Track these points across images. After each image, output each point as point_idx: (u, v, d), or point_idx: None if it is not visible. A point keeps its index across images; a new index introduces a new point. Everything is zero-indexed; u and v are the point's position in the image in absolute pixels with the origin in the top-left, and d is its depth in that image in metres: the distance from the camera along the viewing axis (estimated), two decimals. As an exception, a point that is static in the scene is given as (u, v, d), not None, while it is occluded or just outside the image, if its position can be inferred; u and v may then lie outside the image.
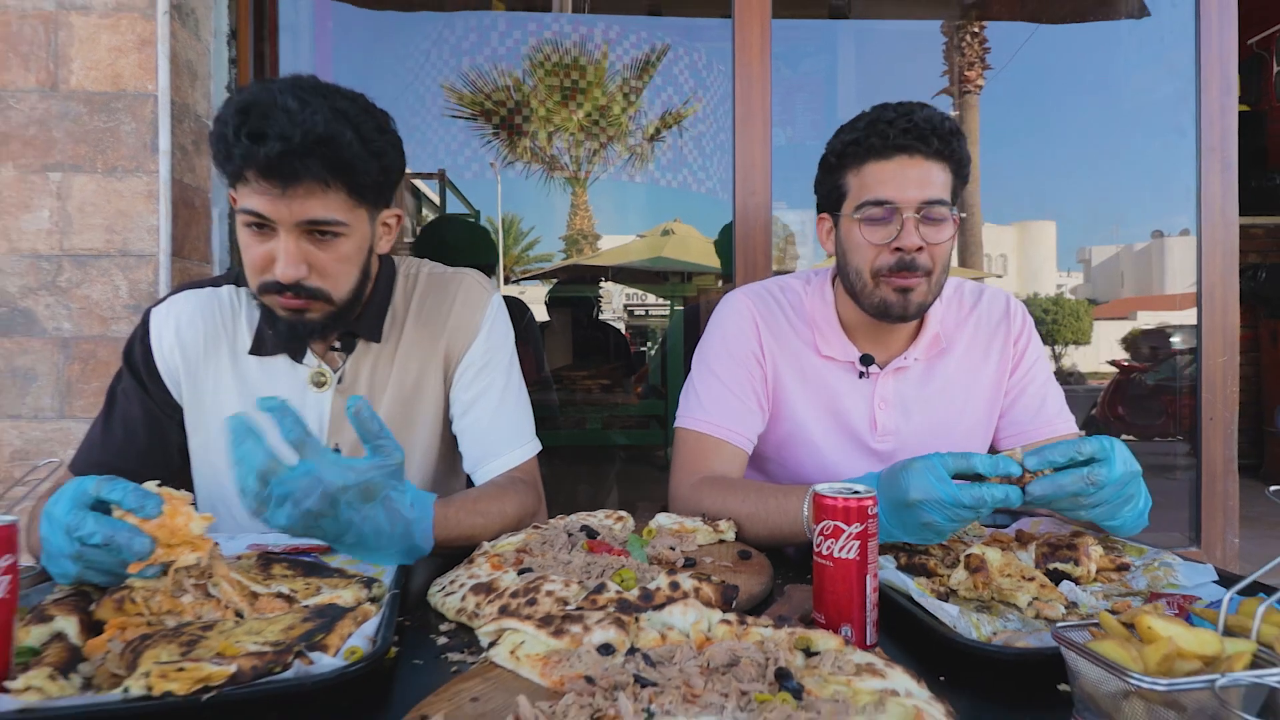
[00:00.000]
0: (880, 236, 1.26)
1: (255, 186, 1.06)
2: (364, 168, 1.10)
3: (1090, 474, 0.94)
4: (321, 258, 1.12)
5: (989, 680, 0.76)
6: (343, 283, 1.16)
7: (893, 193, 1.24)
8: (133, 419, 1.26)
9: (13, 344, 1.87)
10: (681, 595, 0.85)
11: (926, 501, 0.95)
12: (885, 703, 0.61)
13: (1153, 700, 0.59)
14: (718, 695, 0.63)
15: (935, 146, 1.24)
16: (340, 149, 1.06)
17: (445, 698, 0.67)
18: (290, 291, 1.11)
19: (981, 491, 0.94)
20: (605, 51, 4.75)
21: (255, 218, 1.08)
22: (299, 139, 1.02)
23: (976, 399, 1.42)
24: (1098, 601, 0.92)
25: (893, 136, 1.23)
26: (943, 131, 1.23)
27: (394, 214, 1.26)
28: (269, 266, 1.11)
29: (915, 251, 1.24)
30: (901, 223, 1.24)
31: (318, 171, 1.05)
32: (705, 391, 1.39)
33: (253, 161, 1.03)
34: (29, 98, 1.86)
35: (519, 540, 1.09)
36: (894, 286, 1.26)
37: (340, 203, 1.10)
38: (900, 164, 1.24)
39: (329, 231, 1.11)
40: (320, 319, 1.16)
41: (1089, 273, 28.51)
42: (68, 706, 0.64)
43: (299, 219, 1.08)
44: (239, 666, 0.67)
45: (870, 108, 1.30)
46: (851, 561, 0.80)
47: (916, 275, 1.25)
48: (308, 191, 1.07)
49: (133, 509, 0.83)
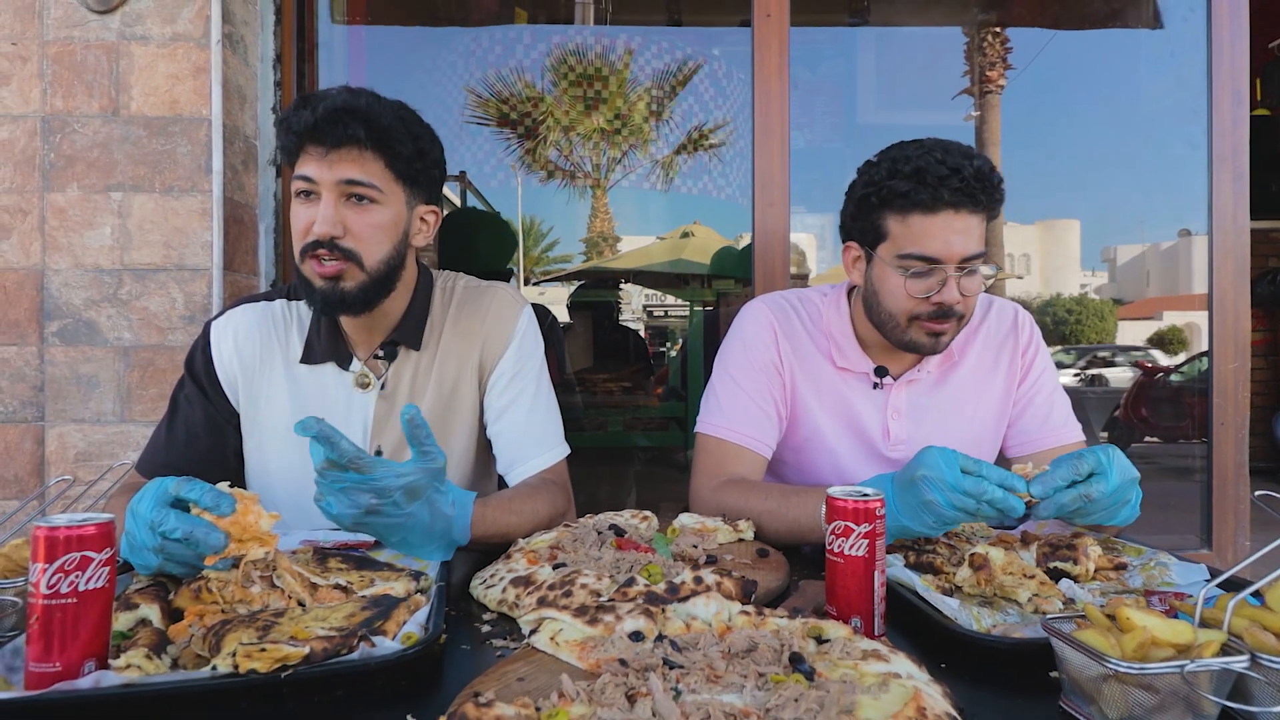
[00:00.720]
0: (921, 290, 1.27)
1: (307, 154, 1.22)
2: (400, 139, 1.24)
3: (1087, 491, 1.01)
4: (356, 220, 1.23)
5: (987, 668, 0.82)
6: (374, 250, 1.26)
7: (938, 249, 1.24)
8: (194, 423, 1.35)
9: (77, 352, 1.99)
10: (704, 589, 0.92)
11: (930, 478, 1.01)
12: (888, 684, 0.68)
13: (1128, 683, 0.65)
14: (738, 676, 0.71)
15: (982, 203, 1.24)
16: (379, 118, 1.22)
17: (494, 677, 0.74)
18: (325, 249, 1.22)
19: (982, 485, 0.99)
20: (627, 61, 4.81)
21: (304, 182, 1.23)
22: (345, 107, 1.20)
23: (985, 409, 1.47)
24: (1095, 599, 0.97)
25: (945, 195, 1.22)
26: (991, 186, 1.23)
27: (432, 210, 1.36)
28: (310, 228, 1.22)
29: (954, 305, 1.27)
30: (945, 279, 1.26)
31: (358, 133, 1.20)
32: (726, 398, 1.44)
33: (306, 125, 1.19)
34: (93, 123, 1.98)
35: (552, 538, 1.16)
36: (928, 331, 1.30)
37: (378, 170, 1.24)
38: (947, 220, 1.24)
39: (365, 196, 1.23)
40: (354, 289, 1.25)
41: (1114, 272, 28.03)
42: (165, 682, 0.72)
43: (339, 178, 1.21)
44: (312, 648, 0.74)
45: (910, 145, 1.28)
46: (860, 558, 0.86)
47: (950, 321, 1.29)
48: (349, 155, 1.22)
49: (209, 507, 0.91)
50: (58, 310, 1.99)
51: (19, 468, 1.98)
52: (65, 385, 1.99)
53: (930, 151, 1.24)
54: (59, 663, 0.71)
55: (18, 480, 1.97)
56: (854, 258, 1.39)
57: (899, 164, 1.26)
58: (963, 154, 1.24)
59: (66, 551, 0.71)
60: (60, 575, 0.71)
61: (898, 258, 1.28)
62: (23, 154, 1.98)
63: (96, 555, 0.73)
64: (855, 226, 1.36)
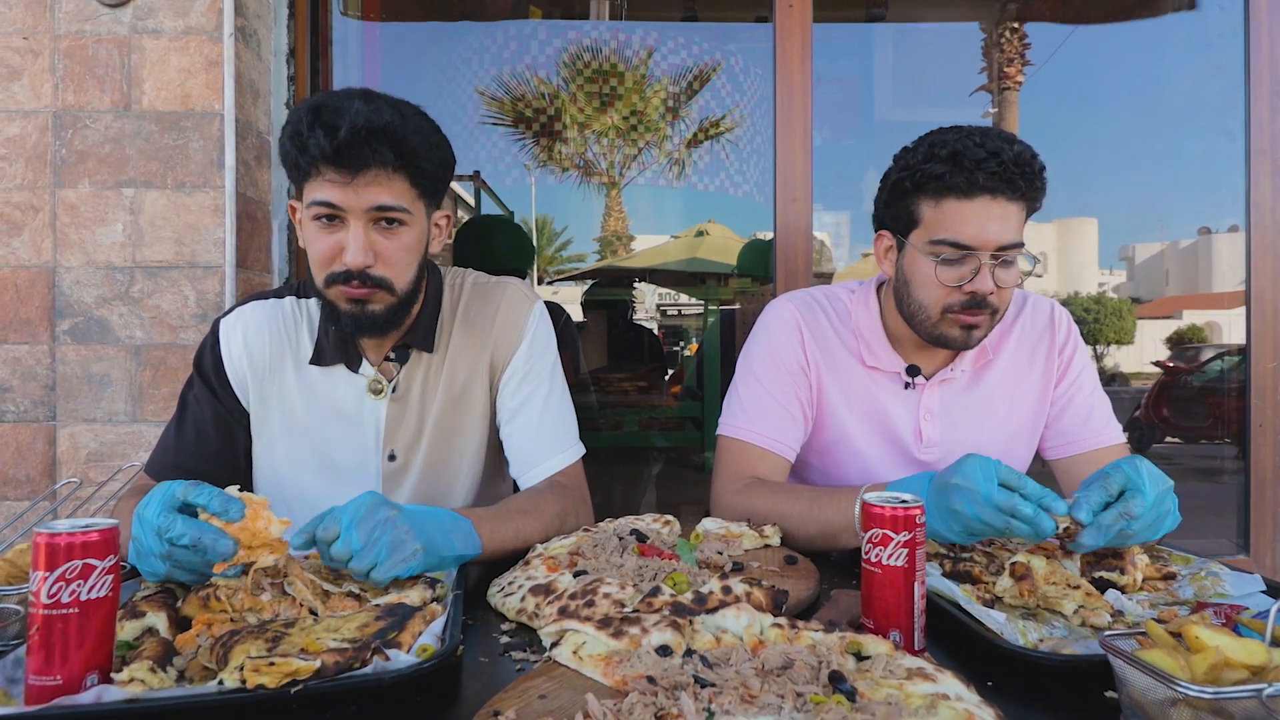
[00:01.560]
0: (954, 278, 1.23)
1: (326, 178, 1.14)
2: (426, 157, 1.18)
3: (1126, 509, 0.95)
4: (387, 246, 1.18)
5: (1035, 686, 0.77)
6: (404, 273, 1.22)
7: (972, 236, 1.20)
8: (204, 423, 1.32)
9: (89, 351, 1.97)
10: (734, 599, 0.88)
11: (962, 487, 0.97)
12: (937, 706, 0.63)
13: (1200, 708, 0.60)
14: (774, 696, 0.66)
15: (1021, 189, 1.19)
16: (405, 137, 1.14)
17: (515, 694, 0.71)
18: (357, 280, 1.17)
19: (1014, 501, 0.94)
20: (645, 58, 4.79)
21: (326, 208, 1.15)
22: (368, 126, 1.11)
23: (1021, 409, 1.42)
24: (1144, 610, 0.93)
25: (981, 179, 1.18)
26: (1031, 173, 1.19)
27: (444, 215, 1.32)
28: (337, 256, 1.17)
29: (988, 295, 1.23)
30: (978, 266, 1.21)
31: (385, 156, 1.12)
32: (750, 399, 1.40)
33: (326, 150, 1.10)
34: (104, 118, 1.96)
35: (571, 543, 1.13)
36: (960, 324, 1.25)
37: (404, 191, 1.18)
38: (983, 205, 1.20)
39: (395, 219, 1.18)
40: (382, 311, 1.21)
41: (1132, 270, 27.80)
42: (169, 697, 0.69)
43: (368, 205, 1.15)
44: (323, 661, 0.71)
45: (949, 130, 1.24)
46: (900, 569, 0.82)
47: (984, 313, 1.24)
48: (375, 179, 1.14)
49: (217, 513, 0.88)
50: (69, 308, 1.97)
51: (30, 468, 1.96)
52: (77, 384, 1.97)
53: (969, 135, 1.20)
54: (60, 675, 0.68)
55: (29, 481, 1.95)
56: (886, 247, 1.35)
57: (935, 148, 1.23)
58: (1003, 139, 1.20)
59: (68, 559, 0.69)
60: (61, 584, 0.69)
61: (930, 243, 1.24)
62: (34, 150, 1.96)
63: (99, 563, 0.70)
64: (888, 214, 1.33)
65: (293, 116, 1.15)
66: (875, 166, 1.36)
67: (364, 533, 0.92)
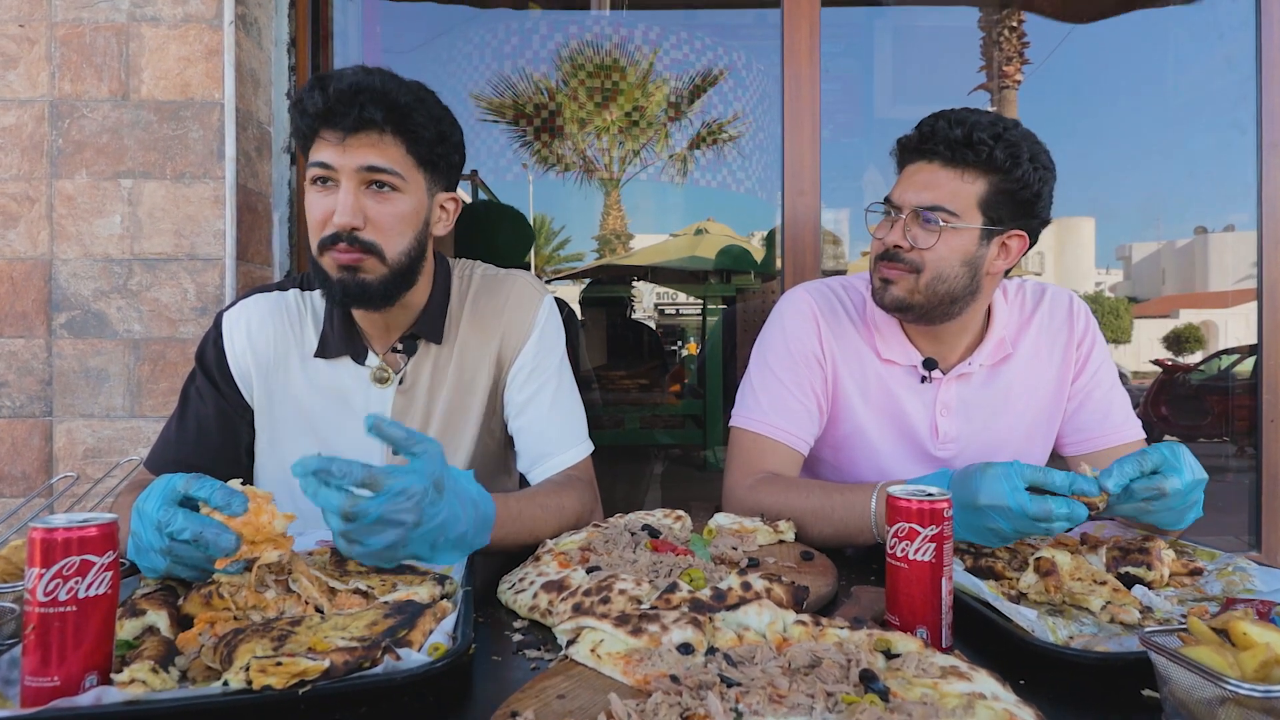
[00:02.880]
0: (879, 231, 1.33)
1: (323, 140, 1.16)
2: (421, 121, 1.18)
3: (1161, 484, 0.97)
4: (377, 210, 1.17)
5: (1068, 685, 0.75)
6: (395, 241, 1.19)
7: (897, 195, 1.29)
8: (206, 418, 1.30)
9: (86, 345, 1.94)
10: (754, 596, 0.85)
11: (995, 508, 0.97)
12: (974, 706, 0.61)
13: (1250, 707, 0.58)
14: (804, 696, 0.64)
15: (945, 154, 1.25)
16: (395, 97, 1.15)
17: (532, 694, 0.68)
18: (345, 243, 1.16)
19: (1050, 505, 0.95)
20: (647, 54, 4.77)
21: (320, 169, 1.16)
22: (361, 86, 1.13)
23: (1037, 404, 1.40)
24: (1172, 606, 0.91)
25: (913, 141, 1.29)
26: (954, 139, 1.24)
27: (451, 198, 1.31)
28: (329, 221, 1.16)
29: (894, 247, 1.28)
30: (893, 222, 1.29)
31: (376, 116, 1.13)
32: (764, 391, 1.38)
33: (319, 107, 1.13)
34: (102, 107, 1.93)
35: (582, 538, 1.10)
36: (880, 275, 1.31)
37: (399, 157, 1.17)
38: (915, 169, 1.29)
39: (386, 183, 1.17)
40: (374, 281, 1.19)
41: (1129, 270, 27.94)
42: (172, 699, 0.66)
43: (357, 164, 1.15)
44: (332, 661, 0.68)
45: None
46: (927, 564, 0.80)
47: (897, 268, 1.28)
48: (367, 140, 1.15)
49: (219, 507, 0.85)
50: (66, 301, 1.94)
51: (26, 464, 1.93)
52: (74, 379, 1.94)
53: (937, 113, 1.29)
54: (57, 676, 0.66)
55: (25, 478, 1.92)
56: None
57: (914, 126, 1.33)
58: (962, 113, 1.27)
59: (65, 555, 0.66)
60: (59, 581, 0.66)
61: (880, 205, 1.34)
62: (30, 140, 1.93)
63: (98, 559, 0.68)
64: None
65: (301, 88, 1.20)
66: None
67: (378, 522, 0.88)
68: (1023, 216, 1.27)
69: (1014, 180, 1.23)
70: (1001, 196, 1.24)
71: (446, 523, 0.94)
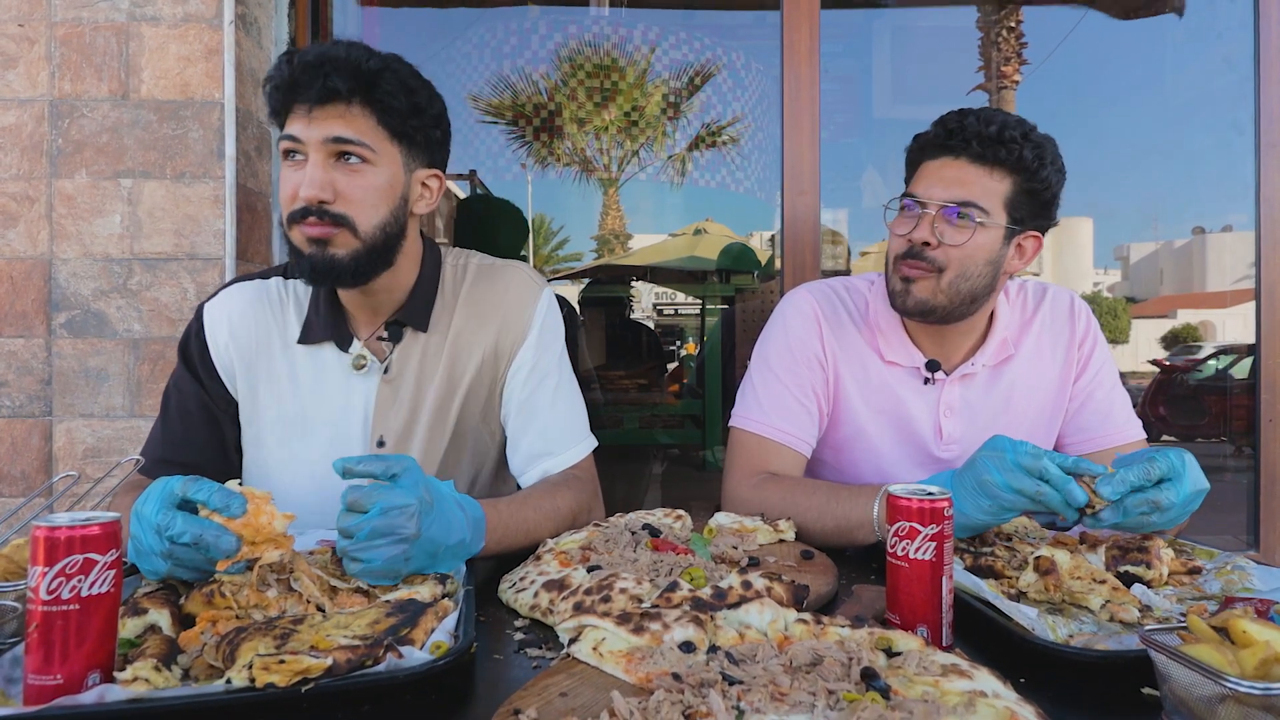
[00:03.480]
0: (902, 228, 1.28)
1: (293, 115, 1.14)
2: (389, 90, 1.15)
3: (1156, 498, 0.98)
4: (347, 183, 1.14)
5: (1068, 683, 0.75)
6: (368, 214, 1.16)
7: (923, 190, 1.26)
8: (190, 415, 1.28)
9: (86, 345, 1.93)
10: (755, 594, 0.86)
11: (988, 457, 1.00)
12: (975, 704, 0.61)
13: (1250, 704, 0.58)
14: (806, 694, 0.64)
15: (976, 149, 1.23)
16: (359, 65, 1.12)
17: (535, 692, 0.68)
18: (314, 216, 1.13)
19: (1043, 461, 0.97)
20: (646, 54, 4.77)
21: (289, 142, 1.14)
22: (326, 55, 1.12)
23: (1039, 403, 1.40)
24: (1171, 605, 0.91)
25: (939, 137, 1.26)
26: (987, 135, 1.22)
27: (433, 174, 1.26)
28: (298, 194, 1.13)
29: (922, 245, 1.25)
30: (919, 218, 1.26)
31: (338, 84, 1.11)
32: (765, 392, 1.38)
33: (285, 78, 1.12)
34: (101, 107, 1.93)
35: (582, 538, 1.10)
36: (900, 274, 1.28)
37: (368, 127, 1.15)
38: (942, 164, 1.26)
39: (355, 154, 1.14)
40: (345, 256, 1.15)
41: (1127, 270, 27.98)
42: (175, 697, 0.66)
43: (324, 136, 1.12)
44: (335, 659, 0.68)
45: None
46: (928, 563, 0.80)
47: (921, 266, 1.25)
48: (334, 111, 1.13)
49: (218, 508, 0.85)
50: (66, 301, 1.94)
51: (26, 464, 1.93)
52: (73, 378, 1.93)
53: (961, 110, 1.27)
54: (60, 674, 0.66)
55: (25, 477, 1.92)
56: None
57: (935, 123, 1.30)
58: (987, 110, 1.25)
59: (68, 554, 0.66)
60: (61, 579, 0.66)
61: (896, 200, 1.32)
62: (30, 139, 1.93)
63: (101, 557, 0.68)
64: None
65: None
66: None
67: (374, 535, 0.88)
68: (1040, 217, 1.28)
69: (1039, 181, 1.24)
70: (1025, 197, 1.25)
71: (443, 530, 0.94)
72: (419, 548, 0.90)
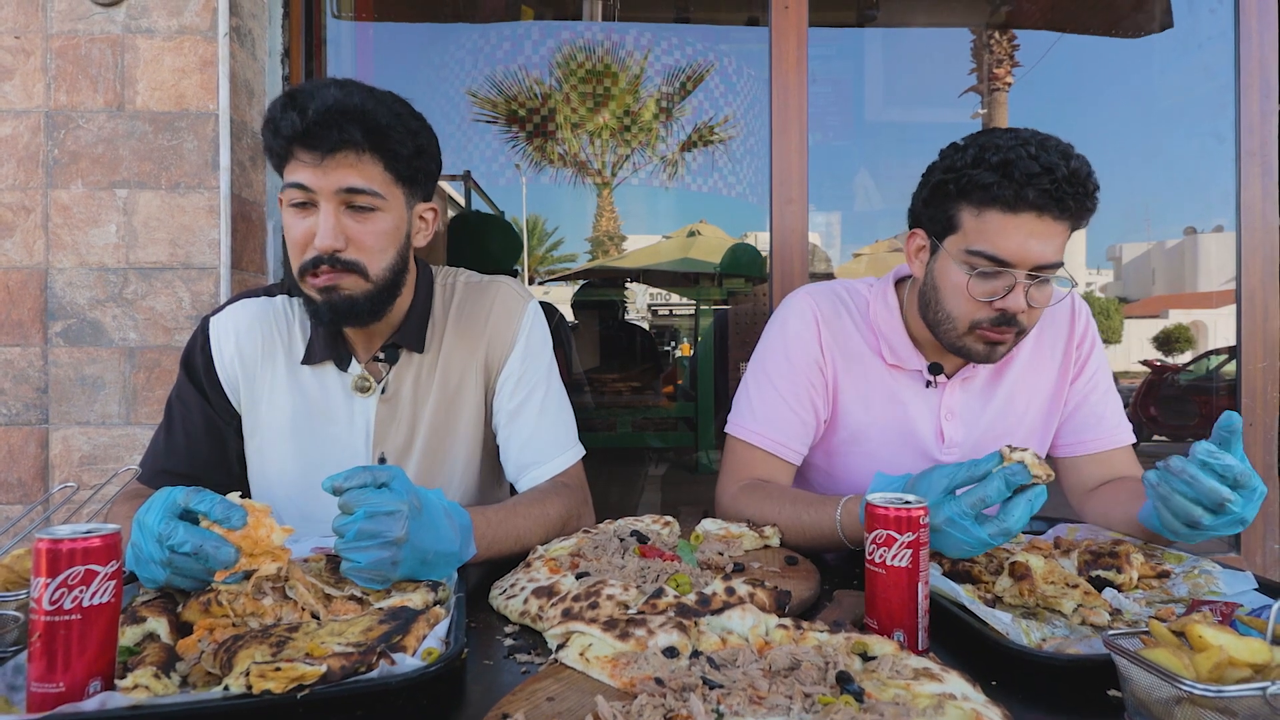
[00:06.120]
0: (986, 292, 1.18)
1: (299, 160, 1.13)
2: (399, 139, 1.16)
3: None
4: (358, 230, 1.16)
5: (1039, 686, 0.78)
6: (378, 259, 1.19)
7: (1013, 252, 1.15)
8: (193, 426, 1.30)
9: (82, 353, 1.95)
10: (737, 600, 0.88)
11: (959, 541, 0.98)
12: (944, 706, 0.64)
13: (1204, 706, 0.61)
14: (783, 697, 0.66)
15: (1070, 209, 1.14)
16: (374, 117, 1.13)
17: (523, 697, 0.70)
18: (327, 265, 1.15)
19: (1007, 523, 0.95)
20: (639, 59, 4.79)
21: (299, 191, 1.14)
22: (337, 107, 1.11)
23: (1036, 404, 1.39)
24: (1141, 609, 0.94)
25: (1031, 195, 1.12)
26: (1084, 193, 1.13)
27: (430, 208, 1.29)
28: (310, 242, 1.15)
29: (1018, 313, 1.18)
30: (1013, 284, 1.16)
31: (354, 136, 1.11)
32: (760, 401, 1.37)
33: (296, 128, 1.10)
34: (97, 118, 1.94)
35: (572, 544, 1.13)
36: (986, 340, 1.22)
37: (377, 175, 1.16)
38: (1027, 221, 1.13)
39: (366, 205, 1.15)
40: (359, 297, 1.18)
41: (1119, 270, 28.05)
42: (175, 703, 0.68)
43: (337, 186, 1.13)
44: (329, 666, 0.71)
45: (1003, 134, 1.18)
46: (904, 569, 0.82)
47: (1010, 331, 1.20)
48: (346, 160, 1.13)
49: (219, 520, 0.87)
50: (62, 310, 1.95)
51: (22, 472, 1.94)
52: (69, 387, 1.95)
53: (1024, 144, 1.14)
54: (63, 682, 0.68)
55: (21, 485, 1.94)
56: (918, 247, 1.29)
57: (986, 152, 1.16)
58: (1060, 152, 1.13)
59: (70, 565, 0.68)
60: (64, 590, 0.68)
61: (966, 253, 1.18)
62: (26, 150, 1.94)
63: (102, 569, 0.70)
64: (926, 213, 1.26)
65: (271, 105, 1.15)
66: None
67: (360, 536, 0.90)
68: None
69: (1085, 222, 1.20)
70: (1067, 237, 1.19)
71: (432, 536, 0.96)
72: (408, 553, 0.92)
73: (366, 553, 0.90)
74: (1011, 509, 0.94)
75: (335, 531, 0.91)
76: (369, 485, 0.92)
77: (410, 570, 0.95)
